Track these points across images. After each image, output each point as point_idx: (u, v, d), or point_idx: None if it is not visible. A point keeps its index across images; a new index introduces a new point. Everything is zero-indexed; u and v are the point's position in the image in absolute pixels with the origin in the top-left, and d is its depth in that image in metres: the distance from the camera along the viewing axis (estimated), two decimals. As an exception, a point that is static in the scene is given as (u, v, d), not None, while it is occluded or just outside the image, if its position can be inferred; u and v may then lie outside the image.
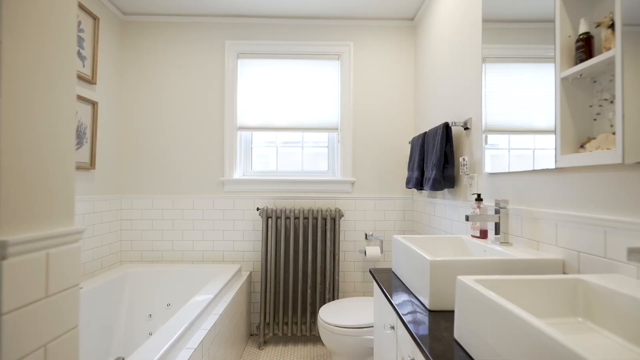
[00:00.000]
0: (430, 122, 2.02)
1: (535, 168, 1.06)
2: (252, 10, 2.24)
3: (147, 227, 2.30)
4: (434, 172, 1.64)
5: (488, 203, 1.36)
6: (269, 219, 2.19)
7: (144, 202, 2.30)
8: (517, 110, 1.16)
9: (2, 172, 0.45)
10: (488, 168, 1.34)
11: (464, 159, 1.53)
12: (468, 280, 0.72)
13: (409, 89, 2.37)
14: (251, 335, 2.31)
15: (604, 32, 0.83)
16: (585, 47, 0.89)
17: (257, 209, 2.23)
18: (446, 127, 1.59)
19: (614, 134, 0.80)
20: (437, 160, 1.62)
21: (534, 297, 0.74)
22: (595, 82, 0.90)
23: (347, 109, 2.34)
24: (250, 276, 2.28)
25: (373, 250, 2.17)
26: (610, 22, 0.81)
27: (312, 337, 2.29)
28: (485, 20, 1.37)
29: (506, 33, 1.23)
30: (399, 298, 1.02)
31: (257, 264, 2.33)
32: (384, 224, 2.34)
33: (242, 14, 2.29)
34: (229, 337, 1.74)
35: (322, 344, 2.21)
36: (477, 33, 1.46)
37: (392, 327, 1.06)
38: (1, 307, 0.44)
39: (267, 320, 2.18)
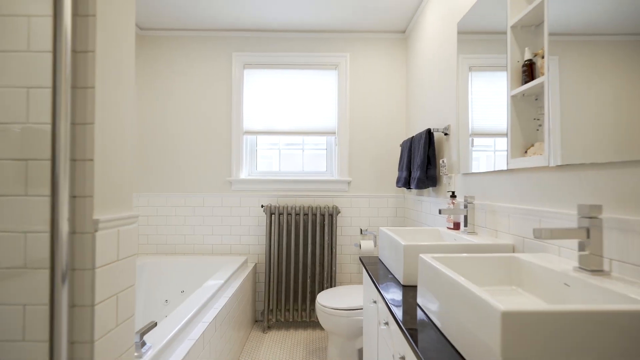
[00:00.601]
0: (418, 127, 2.23)
1: (495, 169, 1.26)
2: (257, 24, 2.46)
3: (162, 223, 2.53)
4: (418, 172, 1.85)
5: (461, 199, 1.56)
6: (272, 215, 2.41)
7: (158, 200, 2.53)
8: (485, 116, 1.36)
9: (96, 176, 0.67)
10: (462, 169, 1.54)
11: (443, 161, 1.74)
12: (426, 257, 0.93)
13: (401, 96, 2.58)
14: (256, 321, 2.53)
15: (540, 61, 1.04)
16: (528, 71, 1.09)
17: (262, 206, 2.45)
18: (429, 133, 1.80)
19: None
20: (421, 162, 1.83)
21: (479, 271, 0.95)
22: (536, 99, 1.10)
23: (344, 114, 2.55)
24: (255, 267, 2.50)
25: (367, 244, 2.38)
26: (543, 54, 1.02)
27: (311, 322, 2.51)
28: (460, 33, 1.57)
29: (480, 44, 1.42)
30: (380, 277, 1.24)
31: (262, 256, 2.55)
32: (378, 220, 2.55)
33: (248, 28, 2.52)
34: (237, 319, 1.96)
35: (321, 328, 2.43)
36: (453, 46, 1.67)
37: (375, 302, 1.27)
38: (95, 263, 0.66)
39: (271, 307, 2.40)
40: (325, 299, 1.92)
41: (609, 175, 0.79)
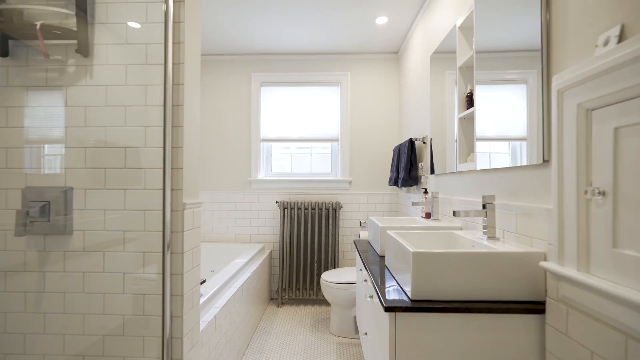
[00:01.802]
0: (405, 135, 2.65)
1: (452, 171, 1.69)
2: (272, 49, 2.93)
3: (193, 216, 3.03)
4: (403, 173, 2.28)
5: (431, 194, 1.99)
6: (285, 210, 2.88)
7: (191, 197, 3.03)
8: (449, 129, 1.78)
9: (184, 178, 1.14)
10: (435, 170, 1.97)
11: (421, 165, 2.16)
12: (390, 232, 1.37)
13: (394, 108, 3.00)
14: (271, 299, 3.00)
15: (473, 94, 1.46)
16: (469, 100, 1.52)
17: (276, 202, 2.91)
18: (410, 141, 2.22)
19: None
20: (405, 165, 2.25)
21: (430, 241, 1.37)
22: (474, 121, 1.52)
23: (346, 124, 3.00)
24: (270, 253, 2.97)
25: (365, 235, 2.81)
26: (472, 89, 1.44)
27: (317, 299, 2.96)
28: (432, 63, 1.99)
29: (443, 76, 1.85)
30: (364, 251, 1.68)
31: (276, 244, 3.02)
32: (375, 214, 2.98)
33: (264, 52, 2.99)
34: (257, 292, 2.43)
35: (326, 304, 2.88)
36: (427, 74, 2.09)
37: (361, 270, 1.71)
38: (184, 228, 1.13)
39: (284, 287, 2.87)
40: (328, 276, 2.37)
41: (497, 177, 1.21)
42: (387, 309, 0.92)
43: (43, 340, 1.15)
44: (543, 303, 0.94)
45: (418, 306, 0.92)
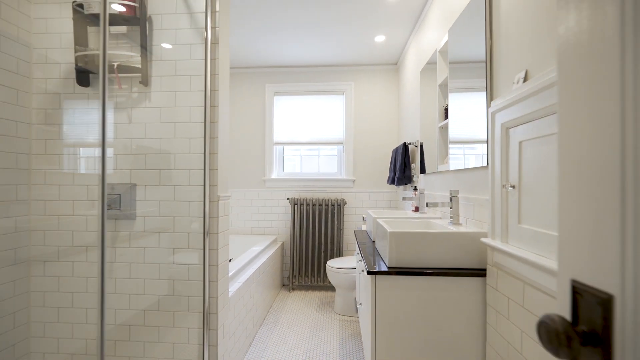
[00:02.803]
0: (402, 139, 2.97)
1: (434, 171, 2.01)
2: (284, 62, 3.29)
3: (214, 211, 3.42)
4: (398, 173, 2.60)
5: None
6: (295, 206, 3.23)
7: (212, 194, 3.42)
8: (433, 135, 2.10)
9: (218, 176, 1.50)
10: (425, 170, 2.28)
11: (413, 165, 2.48)
12: (378, 219, 1.70)
13: (394, 114, 3.32)
14: (283, 285, 3.36)
15: (448, 108, 1.78)
16: (446, 113, 1.83)
17: (287, 199, 3.27)
18: (405, 145, 2.55)
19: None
20: (399, 166, 2.58)
21: (407, 226, 1.70)
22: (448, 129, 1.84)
23: (350, 128, 3.33)
24: (282, 244, 3.33)
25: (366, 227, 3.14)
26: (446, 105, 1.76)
27: (324, 286, 3.31)
28: (422, 77, 2.31)
29: (431, 90, 2.16)
30: (361, 238, 2.01)
31: (287, 236, 3.38)
32: (375, 209, 3.30)
33: (278, 65, 3.36)
34: (270, 278, 2.80)
35: (332, 290, 3.22)
36: (417, 87, 2.40)
37: (358, 253, 2.05)
38: (219, 214, 1.50)
39: (294, 274, 3.22)
40: (333, 263, 2.71)
41: (459, 176, 1.53)
42: (369, 273, 1.26)
43: (114, 298, 1.54)
44: (485, 269, 1.26)
45: (392, 271, 1.26)
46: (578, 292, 0.40)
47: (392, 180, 2.85)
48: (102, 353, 1.07)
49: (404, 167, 2.56)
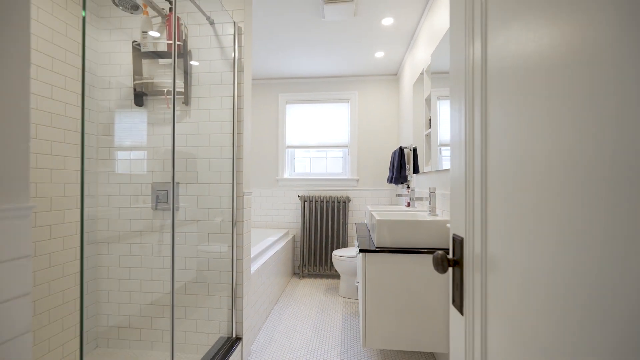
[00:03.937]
0: (401, 142, 3.32)
1: (423, 172, 2.36)
2: (295, 74, 3.68)
3: (233, 207, 3.84)
4: (395, 173, 2.95)
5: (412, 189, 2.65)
6: (305, 202, 3.62)
7: (231, 192, 3.85)
8: (422, 140, 2.45)
9: (244, 176, 1.90)
10: (417, 171, 2.63)
11: (408, 167, 2.83)
12: (373, 212, 2.06)
13: (394, 120, 3.66)
14: (294, 273, 3.76)
15: (431, 119, 2.12)
16: (429, 123, 2.18)
17: (298, 196, 3.66)
18: (400, 149, 2.90)
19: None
20: (396, 167, 2.93)
21: (394, 216, 2.06)
22: (431, 136, 2.19)
23: (354, 133, 3.69)
24: (293, 237, 3.72)
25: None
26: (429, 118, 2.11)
27: (330, 274, 3.68)
28: (414, 91, 2.65)
29: (421, 101, 2.51)
30: (361, 229, 2.38)
31: (298, 230, 3.77)
32: (377, 205, 3.65)
33: (290, 77, 3.75)
34: (283, 265, 3.19)
35: (337, 277, 3.59)
36: (410, 99, 2.75)
37: (357, 240, 2.42)
38: (244, 206, 1.89)
39: (304, 263, 3.61)
40: (338, 252, 3.08)
41: (439, 176, 1.88)
42: (361, 251, 1.63)
43: (162, 272, 1.95)
44: (451, 249, 1.61)
45: (378, 249, 1.62)
46: (454, 239, 0.77)
47: (391, 180, 3.20)
48: (172, 304, 1.48)
49: (400, 168, 2.91)
